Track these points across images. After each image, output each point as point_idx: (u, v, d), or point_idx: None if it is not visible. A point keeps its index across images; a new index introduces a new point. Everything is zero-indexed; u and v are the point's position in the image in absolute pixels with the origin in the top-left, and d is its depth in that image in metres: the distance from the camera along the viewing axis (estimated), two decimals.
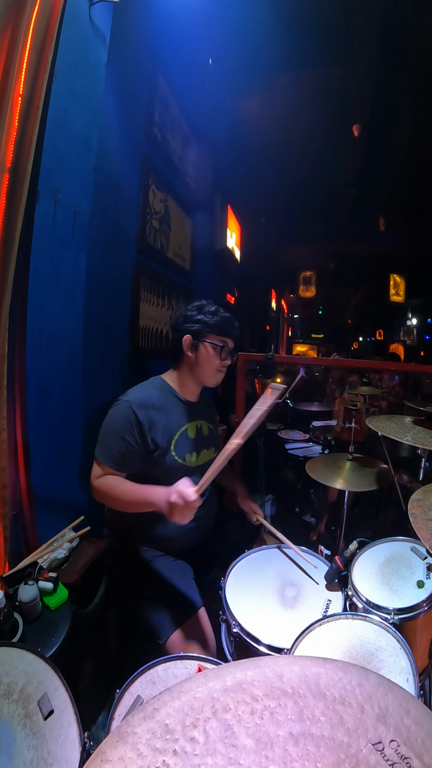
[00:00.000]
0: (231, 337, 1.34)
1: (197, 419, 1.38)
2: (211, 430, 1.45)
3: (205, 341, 1.30)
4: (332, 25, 3.18)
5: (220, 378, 1.36)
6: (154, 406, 1.25)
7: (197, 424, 1.38)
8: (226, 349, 1.33)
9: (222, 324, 1.32)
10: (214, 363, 1.32)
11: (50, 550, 1.28)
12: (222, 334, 1.32)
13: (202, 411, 1.42)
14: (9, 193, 1.17)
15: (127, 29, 1.76)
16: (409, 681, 0.86)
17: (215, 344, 1.31)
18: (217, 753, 0.34)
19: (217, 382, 1.37)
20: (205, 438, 1.40)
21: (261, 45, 3.08)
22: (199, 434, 1.37)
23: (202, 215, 3.30)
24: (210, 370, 1.33)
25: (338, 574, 1.21)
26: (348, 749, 0.34)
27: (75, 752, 0.68)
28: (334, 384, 3.73)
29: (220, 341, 1.32)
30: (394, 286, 9.12)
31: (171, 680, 0.89)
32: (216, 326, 1.31)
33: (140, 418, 1.20)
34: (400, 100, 4.03)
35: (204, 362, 1.31)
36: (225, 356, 1.33)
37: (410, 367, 4.64)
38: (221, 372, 1.36)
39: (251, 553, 1.36)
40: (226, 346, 1.33)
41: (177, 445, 1.28)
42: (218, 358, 1.32)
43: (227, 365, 1.36)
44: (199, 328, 1.30)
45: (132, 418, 1.20)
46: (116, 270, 1.94)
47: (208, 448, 1.40)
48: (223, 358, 1.33)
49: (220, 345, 1.31)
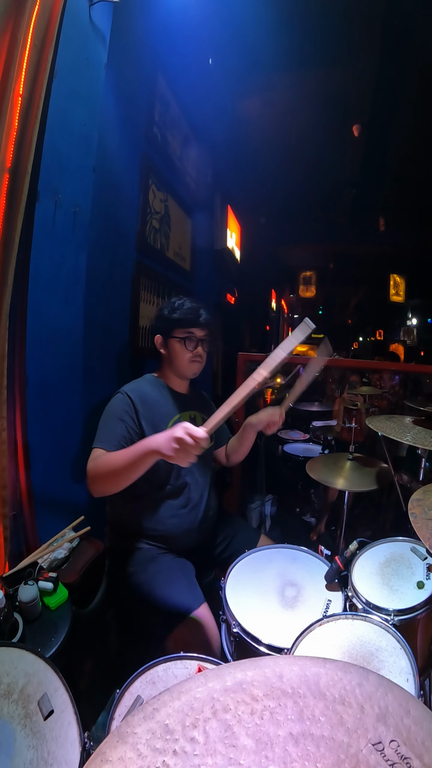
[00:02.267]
0: (196, 326, 1.37)
1: (190, 409, 1.44)
2: (205, 421, 1.45)
3: (171, 337, 1.37)
4: (332, 25, 3.19)
5: (197, 368, 1.41)
6: (147, 395, 1.33)
7: (191, 414, 1.43)
8: (193, 339, 1.36)
9: (183, 316, 1.36)
10: (185, 355, 1.37)
11: (50, 550, 1.28)
12: (185, 325, 1.36)
13: (195, 402, 1.48)
14: (9, 193, 1.17)
15: (127, 29, 1.76)
16: (409, 681, 0.85)
17: (180, 337, 1.35)
18: (217, 753, 0.34)
19: (195, 373, 1.42)
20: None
21: (261, 45, 3.08)
22: (193, 424, 1.39)
23: (202, 215, 3.30)
24: (183, 362, 1.38)
25: (338, 574, 1.21)
26: (348, 749, 0.34)
27: (75, 752, 0.68)
28: (334, 384, 3.73)
29: (185, 333, 1.36)
30: (394, 286, 9.13)
31: (171, 680, 0.89)
32: (178, 320, 1.36)
33: (135, 403, 1.28)
34: (400, 100, 4.03)
35: (175, 357, 1.38)
36: (192, 346, 1.37)
37: (410, 367, 4.64)
38: (196, 362, 1.39)
39: (251, 553, 1.36)
40: (193, 336, 1.36)
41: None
42: (186, 350, 1.36)
43: (201, 353, 1.39)
44: (164, 325, 1.38)
45: (128, 402, 1.28)
46: (116, 270, 1.94)
47: None
48: (191, 348, 1.36)
49: (185, 337, 1.35)
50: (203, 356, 1.41)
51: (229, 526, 1.52)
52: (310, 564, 1.31)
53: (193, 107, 2.82)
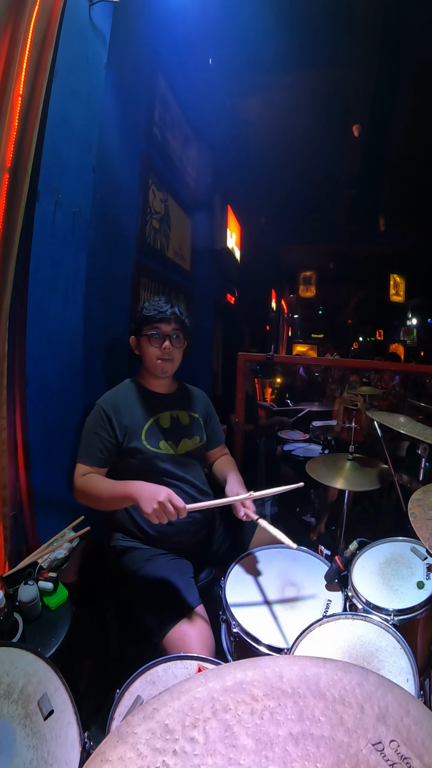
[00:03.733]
0: (161, 321, 1.35)
1: (172, 409, 1.42)
2: (193, 419, 1.47)
3: (141, 335, 1.38)
4: (332, 25, 3.18)
5: (167, 366, 1.38)
6: (120, 401, 1.35)
7: (172, 414, 1.42)
8: (160, 335, 1.35)
9: (149, 312, 1.35)
10: (154, 353, 1.36)
11: (50, 550, 1.28)
12: (151, 322, 1.35)
13: (178, 401, 1.47)
14: (9, 193, 1.17)
15: (127, 29, 1.76)
16: (409, 681, 0.86)
17: (147, 334, 1.35)
18: (217, 753, 0.34)
19: (165, 370, 1.38)
20: (185, 427, 1.43)
21: (261, 45, 3.07)
22: (175, 423, 1.41)
23: (202, 215, 3.30)
24: (151, 361, 1.37)
25: (338, 574, 1.21)
26: (348, 749, 0.34)
27: (75, 752, 0.68)
28: (334, 384, 3.73)
29: (151, 329, 1.35)
30: (394, 286, 9.13)
31: (171, 680, 0.89)
32: (145, 317, 1.36)
33: (108, 413, 1.30)
34: (400, 100, 4.03)
35: (146, 356, 1.38)
36: (158, 343, 1.35)
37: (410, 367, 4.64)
38: (165, 360, 1.37)
39: (251, 552, 1.36)
40: (159, 333, 1.35)
41: (147, 434, 1.32)
42: (152, 346, 1.35)
43: (169, 349, 1.36)
44: (136, 326, 1.40)
45: (101, 414, 1.30)
46: (116, 270, 1.94)
47: (190, 437, 1.42)
48: (157, 345, 1.35)
49: (150, 333, 1.35)
50: (173, 353, 1.38)
51: (227, 523, 1.52)
52: (310, 564, 1.31)
53: (193, 107, 2.82)
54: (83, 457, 1.28)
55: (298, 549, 1.35)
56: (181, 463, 1.36)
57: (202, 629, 1.11)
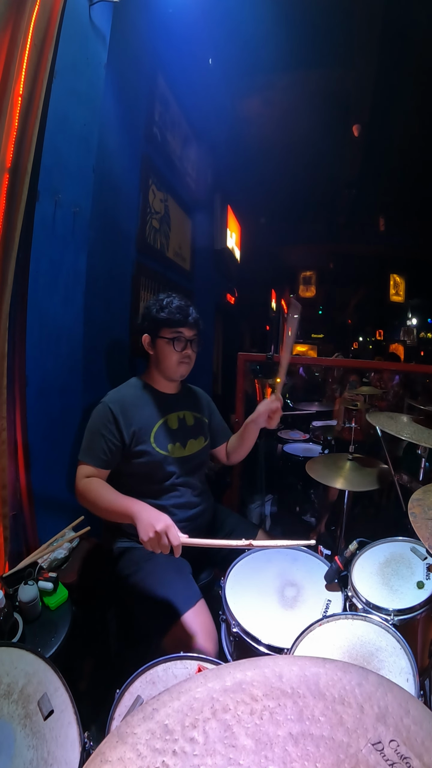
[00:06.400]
0: (184, 326, 1.32)
1: (179, 410, 1.40)
2: (198, 419, 1.45)
3: (159, 337, 1.32)
4: (332, 25, 3.19)
5: (185, 369, 1.36)
6: (129, 402, 1.30)
7: (179, 415, 1.40)
8: (182, 339, 1.32)
9: (171, 315, 1.31)
10: (173, 356, 1.32)
11: (50, 550, 1.28)
12: (174, 325, 1.31)
13: (184, 401, 1.44)
14: (9, 193, 1.17)
15: (127, 29, 1.76)
16: (409, 681, 0.85)
17: (168, 338, 1.31)
18: (217, 753, 0.34)
19: (183, 374, 1.37)
20: (191, 428, 1.41)
21: (261, 45, 3.08)
22: (182, 425, 1.39)
23: (202, 215, 3.30)
24: (171, 364, 1.33)
25: (338, 574, 1.20)
26: (348, 749, 0.34)
27: (75, 752, 0.68)
28: (334, 384, 3.74)
29: (173, 333, 1.31)
30: (394, 286, 9.14)
31: (171, 680, 0.89)
32: (166, 320, 1.31)
33: (116, 414, 1.25)
34: (400, 100, 4.03)
35: (163, 357, 1.33)
36: (181, 347, 1.32)
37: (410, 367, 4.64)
38: (185, 363, 1.35)
39: (251, 553, 1.36)
40: (181, 337, 1.32)
41: (156, 437, 1.30)
42: (175, 350, 1.32)
43: (189, 354, 1.35)
44: (151, 325, 1.33)
45: (108, 414, 1.25)
46: (116, 270, 1.94)
47: (196, 437, 1.41)
48: (179, 349, 1.32)
49: (173, 337, 1.31)
50: (192, 357, 1.36)
51: (227, 523, 1.52)
52: (310, 564, 1.31)
53: (193, 107, 2.82)
54: (86, 457, 1.24)
55: (298, 549, 1.36)
56: (186, 464, 1.35)
57: (206, 623, 1.11)
